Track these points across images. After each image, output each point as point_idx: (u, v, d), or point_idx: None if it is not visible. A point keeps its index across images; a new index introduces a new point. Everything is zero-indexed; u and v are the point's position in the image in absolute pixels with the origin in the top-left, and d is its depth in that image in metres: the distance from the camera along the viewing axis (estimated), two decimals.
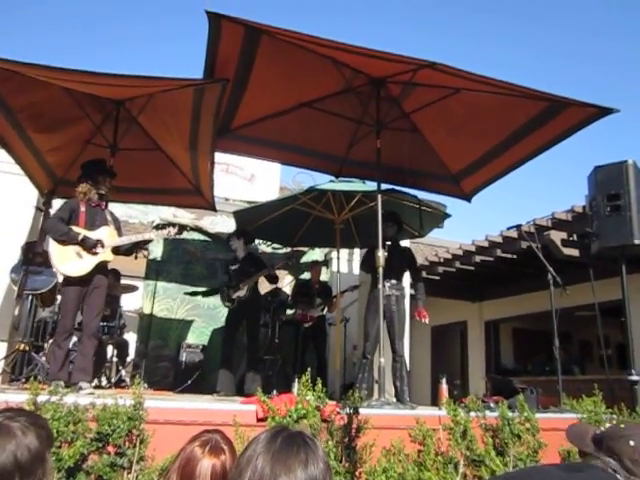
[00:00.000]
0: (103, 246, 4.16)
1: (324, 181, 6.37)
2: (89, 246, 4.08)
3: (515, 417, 3.62)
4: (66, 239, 4.05)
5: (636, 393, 4.49)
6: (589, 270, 5.39)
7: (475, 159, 5.56)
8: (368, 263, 5.55)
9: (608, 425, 1.59)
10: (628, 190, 4.58)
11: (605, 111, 4.39)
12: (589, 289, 5.06)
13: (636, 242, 4.52)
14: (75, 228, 4.12)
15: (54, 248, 4.07)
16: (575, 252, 6.73)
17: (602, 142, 37.46)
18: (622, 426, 1.55)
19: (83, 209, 4.21)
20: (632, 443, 1.42)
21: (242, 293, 5.96)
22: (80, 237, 4.06)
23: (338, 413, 3.12)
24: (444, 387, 4.96)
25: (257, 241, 7.49)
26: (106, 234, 4.24)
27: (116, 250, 4.32)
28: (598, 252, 4.83)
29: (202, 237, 8.03)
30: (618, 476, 1.34)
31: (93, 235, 4.16)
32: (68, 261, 4.05)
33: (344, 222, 6.76)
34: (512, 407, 3.81)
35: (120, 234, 4.42)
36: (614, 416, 4.12)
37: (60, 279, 4.62)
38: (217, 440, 1.60)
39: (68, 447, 2.47)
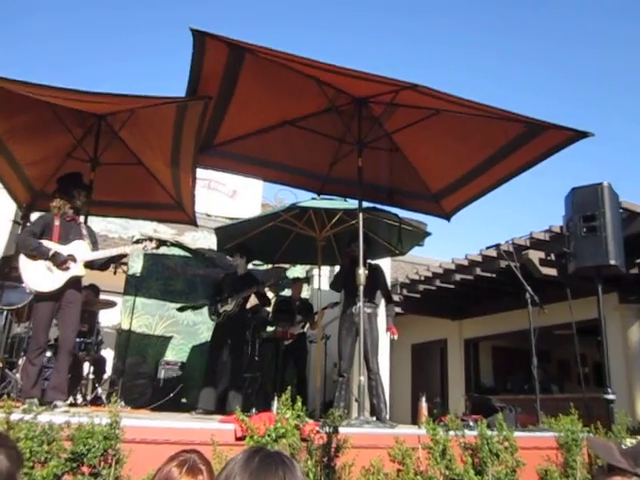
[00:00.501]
0: (75, 261, 4.10)
1: (306, 198, 6.39)
2: (60, 261, 4.02)
3: (494, 436, 3.63)
4: (36, 254, 3.99)
5: (612, 412, 4.53)
6: (566, 289, 5.47)
7: (455, 179, 5.64)
8: (339, 282, 5.57)
9: (632, 441, 1.58)
10: (603, 212, 4.68)
11: (581, 134, 4.50)
12: (567, 308, 5.13)
13: (611, 262, 4.60)
14: (47, 243, 4.06)
15: (24, 263, 4.01)
16: (553, 271, 6.83)
17: (580, 164, 38.25)
18: None
19: (57, 223, 4.15)
20: None
21: (229, 308, 5.91)
22: (51, 253, 4.00)
23: (318, 432, 3.10)
24: (424, 405, 4.95)
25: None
26: (79, 249, 4.18)
27: (90, 265, 4.27)
28: (575, 272, 4.91)
29: (183, 253, 7.96)
30: None
31: (65, 249, 4.10)
32: (39, 276, 3.98)
33: (326, 239, 6.78)
34: (491, 426, 3.83)
35: (96, 248, 4.35)
36: (591, 435, 4.16)
37: None
38: (195, 460, 1.58)
39: (41, 467, 2.41)
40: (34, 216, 5.24)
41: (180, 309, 7.52)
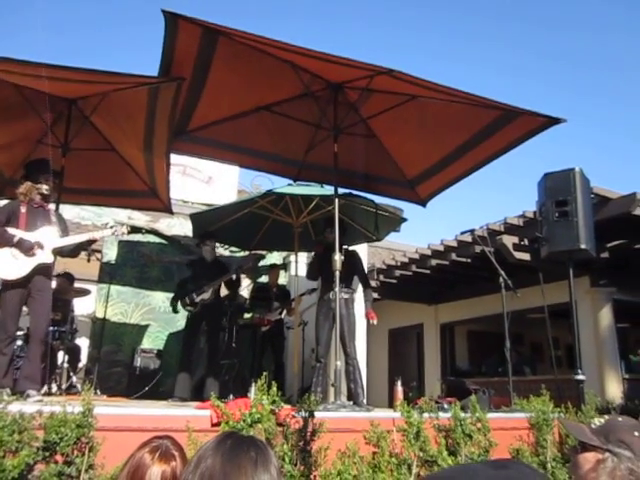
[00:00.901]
0: (43, 248, 4.03)
1: (282, 184, 6.37)
2: (25, 248, 3.94)
3: (467, 417, 3.70)
4: (0, 241, 3.91)
5: (582, 392, 4.65)
6: (539, 274, 5.57)
7: (430, 165, 5.68)
8: (314, 270, 5.57)
9: (602, 420, 1.62)
10: (575, 197, 4.75)
11: (554, 120, 4.57)
12: (539, 292, 5.22)
13: (582, 247, 4.68)
14: (12, 230, 3.98)
15: None
16: (526, 256, 6.94)
17: (554, 149, 38.77)
18: (620, 419, 1.58)
19: (24, 210, 4.07)
20: (637, 434, 1.48)
21: (207, 296, 5.87)
22: (15, 239, 3.92)
23: (293, 417, 3.12)
24: (399, 389, 5.01)
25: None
26: (47, 235, 4.10)
27: (59, 252, 4.19)
28: (547, 256, 4.98)
29: (158, 240, 7.87)
30: (633, 465, 1.39)
31: (32, 236, 4.02)
32: (4, 264, 3.91)
33: (302, 226, 6.77)
34: (465, 408, 3.90)
35: (66, 235, 4.28)
36: (562, 415, 4.26)
37: None
38: (167, 446, 1.57)
39: (13, 457, 2.38)
40: (2, 203, 5.12)
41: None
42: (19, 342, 5.00)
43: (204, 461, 1.07)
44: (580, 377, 4.69)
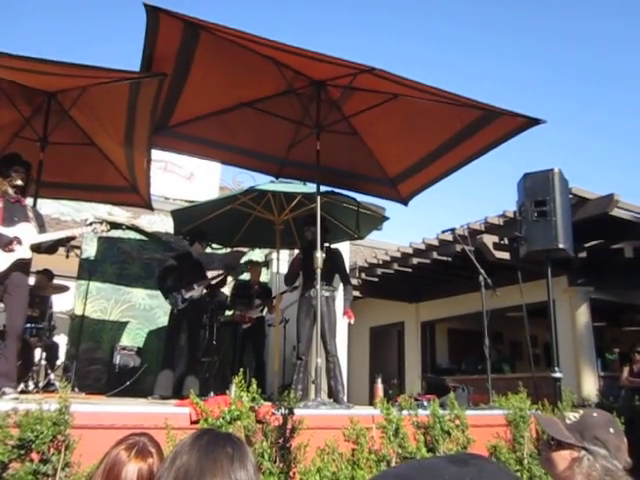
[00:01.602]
0: (21, 243, 3.97)
1: (264, 181, 6.35)
2: (3, 244, 3.88)
3: (446, 415, 3.73)
4: None
5: (559, 389, 4.71)
6: (518, 273, 5.63)
7: (412, 164, 5.70)
8: (296, 268, 5.57)
9: (575, 414, 1.61)
10: (554, 197, 4.79)
11: (533, 121, 4.62)
12: (518, 291, 5.28)
13: (560, 246, 4.74)
14: None
15: None
16: (506, 255, 7.02)
17: (534, 150, 39.24)
18: (595, 415, 1.57)
19: (1, 205, 4.01)
20: (612, 430, 1.48)
21: (196, 294, 5.85)
22: None
23: (273, 414, 3.11)
24: (379, 386, 5.04)
25: None
26: (25, 231, 4.04)
27: (37, 248, 4.14)
28: (526, 255, 5.04)
29: (139, 236, 7.80)
30: (608, 464, 1.40)
31: (10, 232, 3.96)
32: None
33: (284, 223, 6.76)
34: (444, 405, 3.93)
35: (43, 231, 4.22)
36: (539, 412, 4.32)
37: None
38: (144, 443, 1.56)
39: None
40: None
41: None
42: None
43: (180, 457, 1.07)
44: (557, 375, 4.75)
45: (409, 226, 31.05)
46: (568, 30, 32.07)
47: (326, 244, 5.08)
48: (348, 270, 6.18)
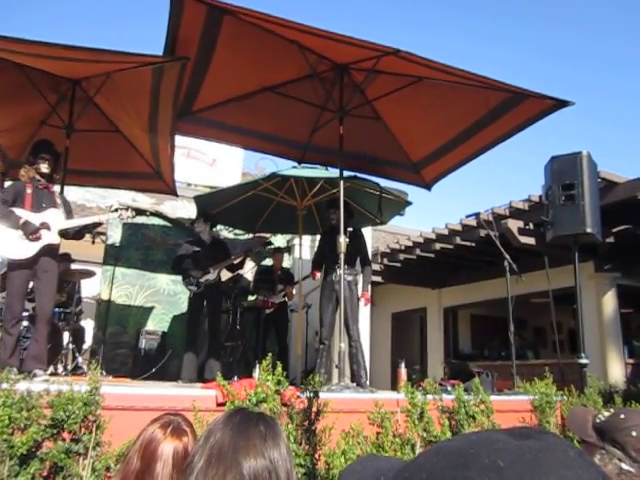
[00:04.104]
0: (49, 229, 4.04)
1: (287, 167, 6.34)
2: (31, 230, 3.95)
3: (470, 399, 3.72)
4: (7, 222, 3.92)
5: (584, 375, 4.66)
6: (544, 258, 5.55)
7: (436, 148, 5.64)
8: (320, 252, 5.56)
9: (607, 414, 1.61)
10: (582, 180, 4.71)
11: (561, 103, 4.52)
12: (544, 277, 5.21)
13: (588, 230, 4.66)
14: (19, 211, 3.98)
15: None
16: (531, 240, 6.91)
17: (563, 133, 38.50)
18: (622, 417, 1.57)
19: (29, 191, 4.08)
20: (634, 434, 1.48)
21: (212, 277, 5.87)
22: (21, 221, 3.93)
23: (298, 397, 3.14)
24: (403, 371, 5.04)
25: (219, 226, 7.40)
26: (53, 217, 4.11)
27: (64, 234, 4.20)
28: (552, 240, 4.96)
29: (162, 222, 7.88)
30: (623, 464, 1.40)
31: (39, 217, 4.03)
32: (11, 244, 3.92)
33: (307, 208, 6.75)
34: (468, 390, 3.91)
35: (70, 217, 4.29)
36: (564, 397, 4.28)
37: None
38: (179, 422, 1.59)
39: (21, 434, 2.41)
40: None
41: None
42: (25, 323, 5.03)
43: (213, 435, 1.08)
44: (583, 361, 4.70)
45: (431, 213, 30.82)
46: (590, 16, 31.23)
47: (349, 229, 5.04)
48: (370, 256, 6.15)
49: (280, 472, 1.06)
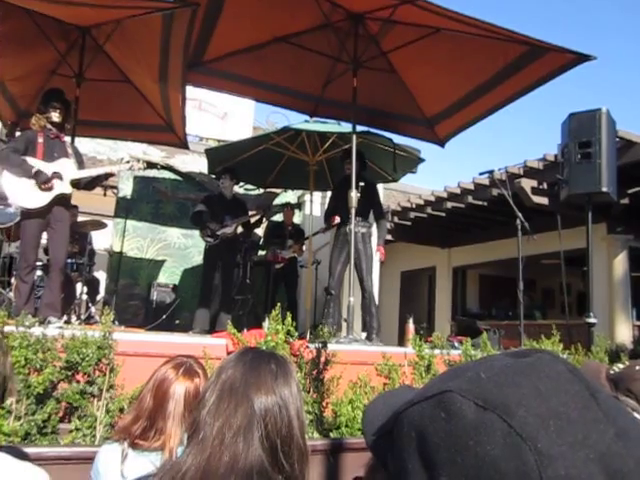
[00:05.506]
0: (61, 178, 4.04)
1: (299, 121, 6.26)
2: (44, 179, 3.95)
3: (478, 354, 3.75)
4: (20, 171, 3.92)
5: (592, 335, 4.68)
6: (557, 218, 5.48)
7: (451, 103, 5.52)
8: (333, 205, 5.51)
9: (621, 366, 1.62)
10: (599, 138, 4.60)
11: (583, 58, 4.38)
12: (555, 237, 5.16)
13: (603, 189, 4.58)
14: (31, 160, 3.98)
15: (8, 180, 3.93)
16: (544, 200, 6.84)
17: (577, 92, 37.53)
18: (637, 368, 1.59)
19: (41, 140, 4.06)
20: None
21: (229, 230, 5.86)
22: (34, 170, 3.93)
23: (307, 347, 3.18)
24: (411, 326, 5.09)
25: None
26: (65, 167, 4.11)
27: (76, 184, 4.21)
28: (567, 198, 4.90)
29: (173, 176, 7.86)
30: (636, 414, 1.42)
31: (51, 167, 4.02)
32: (24, 194, 3.93)
33: (318, 164, 6.70)
34: (475, 346, 3.95)
35: (82, 168, 4.28)
36: (571, 355, 4.31)
37: None
38: (191, 364, 1.62)
39: (37, 375, 2.47)
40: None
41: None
42: (39, 272, 5.10)
43: (225, 372, 1.10)
44: (592, 320, 4.71)
45: (444, 173, 30.49)
46: None
47: (361, 184, 4.98)
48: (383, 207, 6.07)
49: (290, 409, 1.08)
